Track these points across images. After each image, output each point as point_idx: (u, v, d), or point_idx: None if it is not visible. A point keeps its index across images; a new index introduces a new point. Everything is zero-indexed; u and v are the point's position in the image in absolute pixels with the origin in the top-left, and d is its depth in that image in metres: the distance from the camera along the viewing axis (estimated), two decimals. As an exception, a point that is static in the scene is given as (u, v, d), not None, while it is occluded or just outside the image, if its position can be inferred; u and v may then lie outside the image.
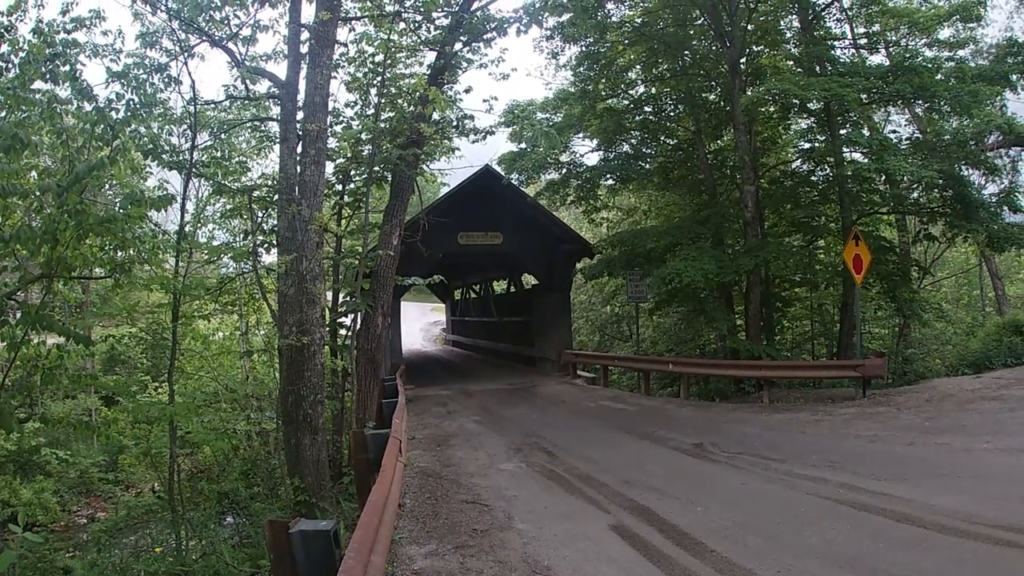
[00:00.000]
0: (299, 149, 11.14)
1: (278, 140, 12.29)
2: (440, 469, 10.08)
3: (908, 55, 16.61)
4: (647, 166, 21.76)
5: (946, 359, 18.91)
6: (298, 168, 11.02)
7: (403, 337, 23.84)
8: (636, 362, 19.45)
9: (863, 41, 18.63)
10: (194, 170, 12.72)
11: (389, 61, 13.36)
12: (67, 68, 9.04)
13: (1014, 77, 16.01)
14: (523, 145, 19.97)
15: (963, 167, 16.49)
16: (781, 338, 20.88)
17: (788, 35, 19.16)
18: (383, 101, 13.98)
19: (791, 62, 18.74)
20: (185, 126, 12.77)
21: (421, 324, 48.67)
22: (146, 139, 11.26)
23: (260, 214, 14.06)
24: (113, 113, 9.62)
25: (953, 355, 19.04)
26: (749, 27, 17.81)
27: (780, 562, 5.75)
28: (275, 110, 13.34)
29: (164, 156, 11.91)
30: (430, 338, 45.72)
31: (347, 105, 15.26)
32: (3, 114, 8.49)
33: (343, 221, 15.72)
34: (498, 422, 14.36)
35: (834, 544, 6.05)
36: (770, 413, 13.51)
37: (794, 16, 18.61)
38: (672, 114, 21.99)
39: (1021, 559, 5.44)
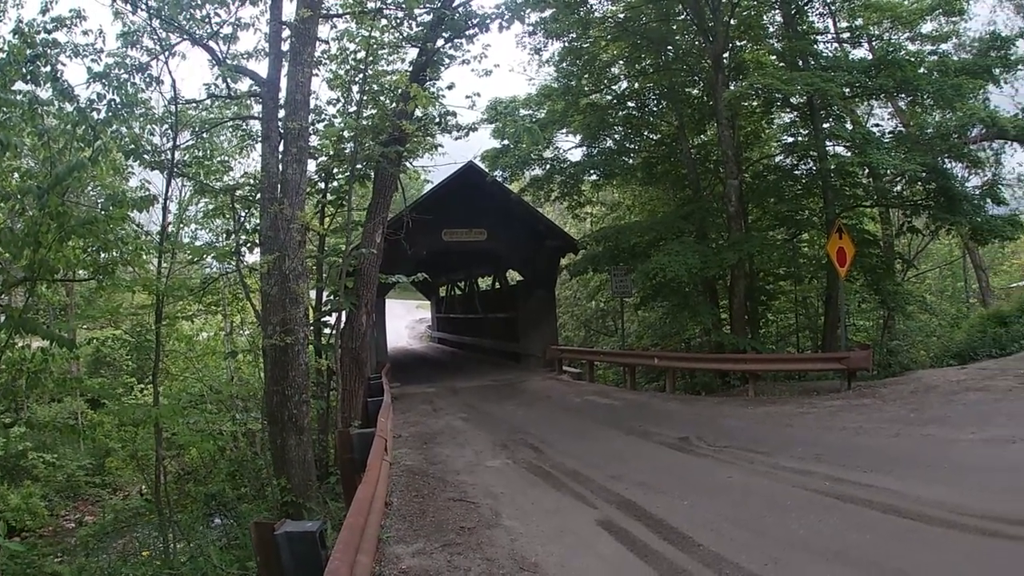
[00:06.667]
0: (281, 147, 11.05)
1: (260, 139, 12.19)
2: (427, 467, 10.07)
3: (891, 49, 16.56)
4: (631, 161, 21.93)
5: (931, 350, 18.98)
6: (280, 167, 10.91)
7: (388, 335, 23.82)
8: (622, 357, 19.43)
9: (846, 35, 18.67)
10: (176, 170, 12.57)
11: (371, 58, 13.28)
12: (48, 69, 9.01)
13: (997, 71, 16.09)
14: (506, 142, 19.97)
15: (946, 160, 16.60)
16: (766, 331, 20.94)
17: (771, 30, 19.22)
18: (365, 98, 13.88)
19: (774, 57, 18.78)
20: (166, 126, 12.58)
21: (407, 322, 48.59)
22: (127, 139, 11.13)
23: (242, 213, 13.94)
24: (94, 114, 9.59)
25: (938, 346, 19.16)
26: (732, 22, 17.85)
27: (767, 555, 5.76)
28: (257, 108, 13.20)
29: (146, 156, 11.74)
30: (416, 335, 45.64)
31: (329, 103, 15.15)
32: (-16, 116, 8.43)
33: (326, 219, 15.64)
34: (484, 419, 14.35)
35: (821, 536, 6.07)
36: (755, 406, 13.54)
37: (777, 11, 18.66)
38: (655, 109, 22.03)
39: (1007, 549, 5.47)
